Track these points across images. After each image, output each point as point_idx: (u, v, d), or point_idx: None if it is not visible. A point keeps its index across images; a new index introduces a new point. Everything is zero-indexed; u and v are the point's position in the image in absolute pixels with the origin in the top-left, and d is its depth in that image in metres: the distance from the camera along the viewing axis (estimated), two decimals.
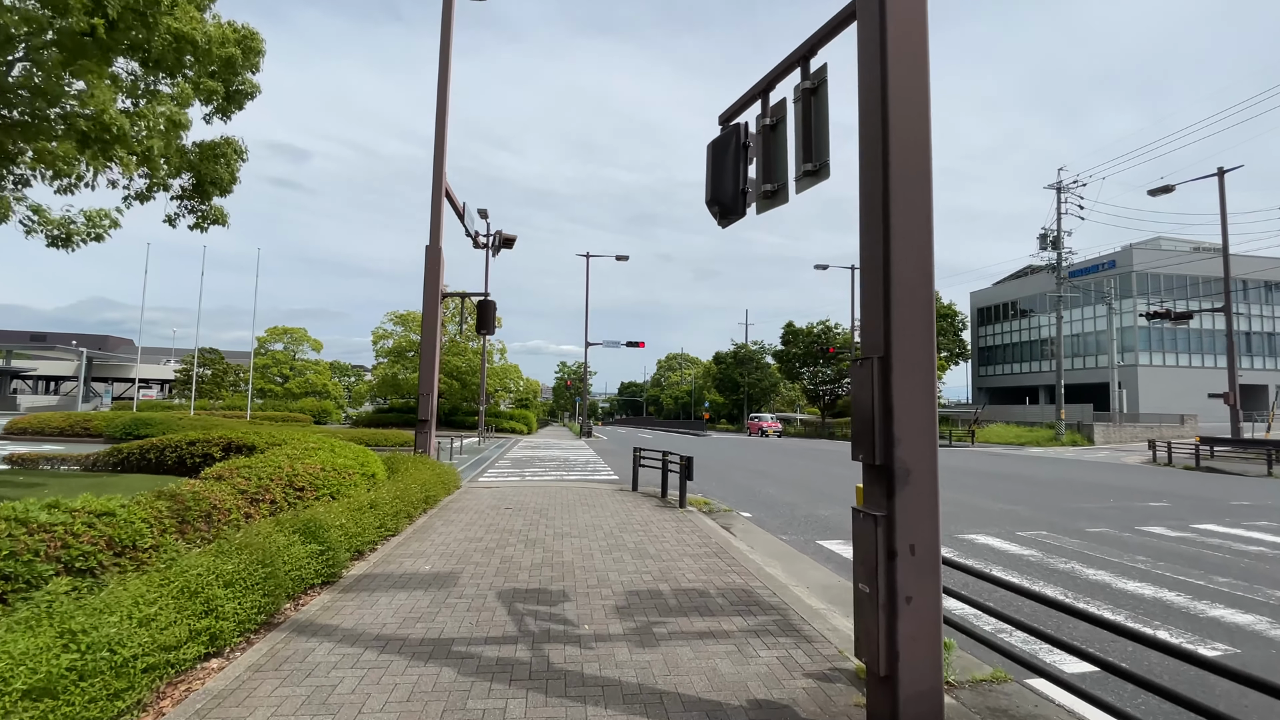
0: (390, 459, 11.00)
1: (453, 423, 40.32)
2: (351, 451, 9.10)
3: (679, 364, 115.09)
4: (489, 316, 12.13)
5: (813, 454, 23.97)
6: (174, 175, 8.14)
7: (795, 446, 30.27)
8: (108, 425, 21.07)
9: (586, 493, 11.18)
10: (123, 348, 73.37)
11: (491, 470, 15.67)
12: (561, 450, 24.33)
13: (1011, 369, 58.83)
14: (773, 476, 15.02)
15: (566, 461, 18.61)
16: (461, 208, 14.32)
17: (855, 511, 3.17)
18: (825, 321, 49.26)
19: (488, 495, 10.72)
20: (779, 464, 18.77)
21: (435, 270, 12.17)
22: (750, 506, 10.41)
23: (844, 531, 8.35)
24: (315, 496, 7.08)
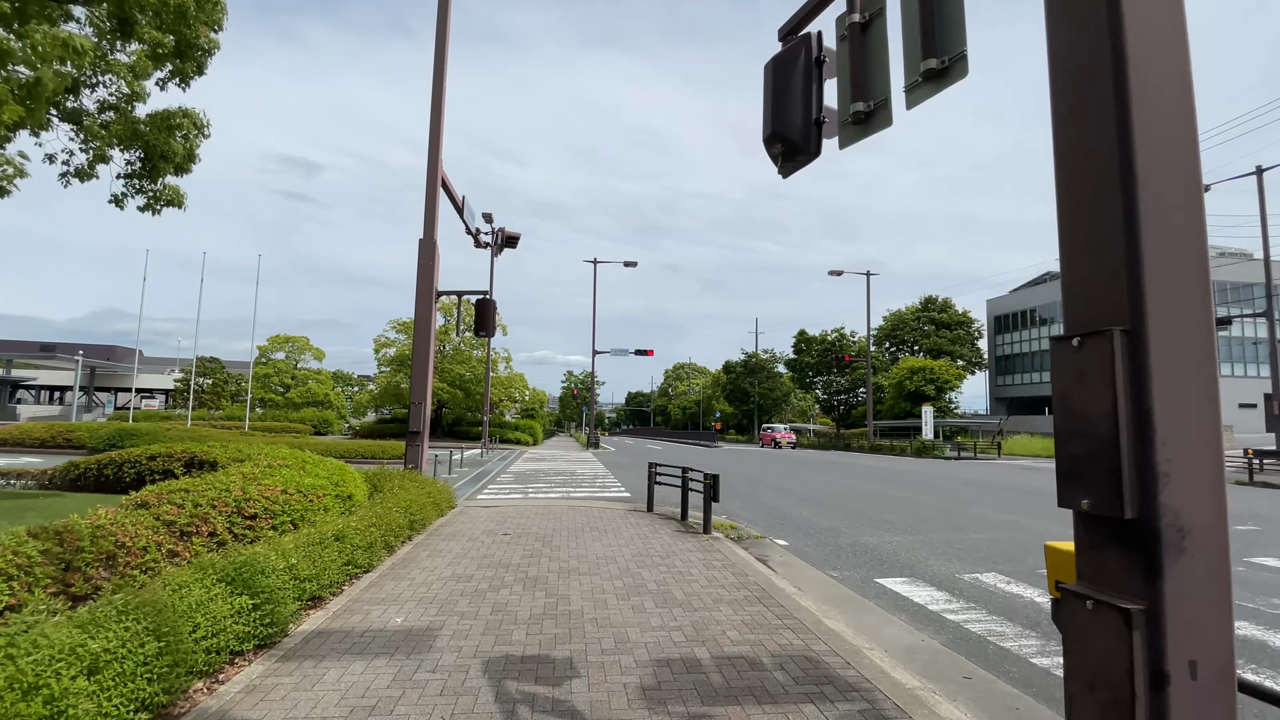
0: (376, 475, 9.81)
1: (456, 433, 39.17)
2: (326, 468, 7.90)
3: (687, 374, 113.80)
4: (488, 317, 10.97)
5: (836, 468, 22.59)
6: (112, 144, 7.03)
7: (814, 459, 28.88)
8: (91, 436, 20.01)
9: (596, 514, 9.92)
10: (129, 358, 72.83)
11: (492, 486, 14.44)
12: (568, 463, 23.07)
13: (1030, 378, 57.19)
14: (800, 494, 13.71)
15: (573, 476, 17.35)
16: (461, 201, 13.21)
17: (1065, 595, 1.90)
18: (840, 329, 47.94)
19: (485, 517, 9.48)
20: (803, 479, 17.44)
21: (429, 266, 11.02)
22: (784, 532, 9.12)
23: (902, 566, 7.05)
24: (271, 526, 5.87)
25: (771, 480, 16.90)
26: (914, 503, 12.32)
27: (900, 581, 6.38)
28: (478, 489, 13.79)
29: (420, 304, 10.96)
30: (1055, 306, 54.31)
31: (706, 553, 7.17)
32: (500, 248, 15.76)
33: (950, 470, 21.91)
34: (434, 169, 11.37)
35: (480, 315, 11.07)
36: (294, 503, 6.33)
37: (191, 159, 7.71)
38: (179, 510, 5.10)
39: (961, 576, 6.59)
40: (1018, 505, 12.18)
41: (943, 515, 10.73)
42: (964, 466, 24.42)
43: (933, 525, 9.72)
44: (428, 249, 11.09)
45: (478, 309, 11.12)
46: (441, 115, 11.52)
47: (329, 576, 5.19)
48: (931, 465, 25.08)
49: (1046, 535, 8.97)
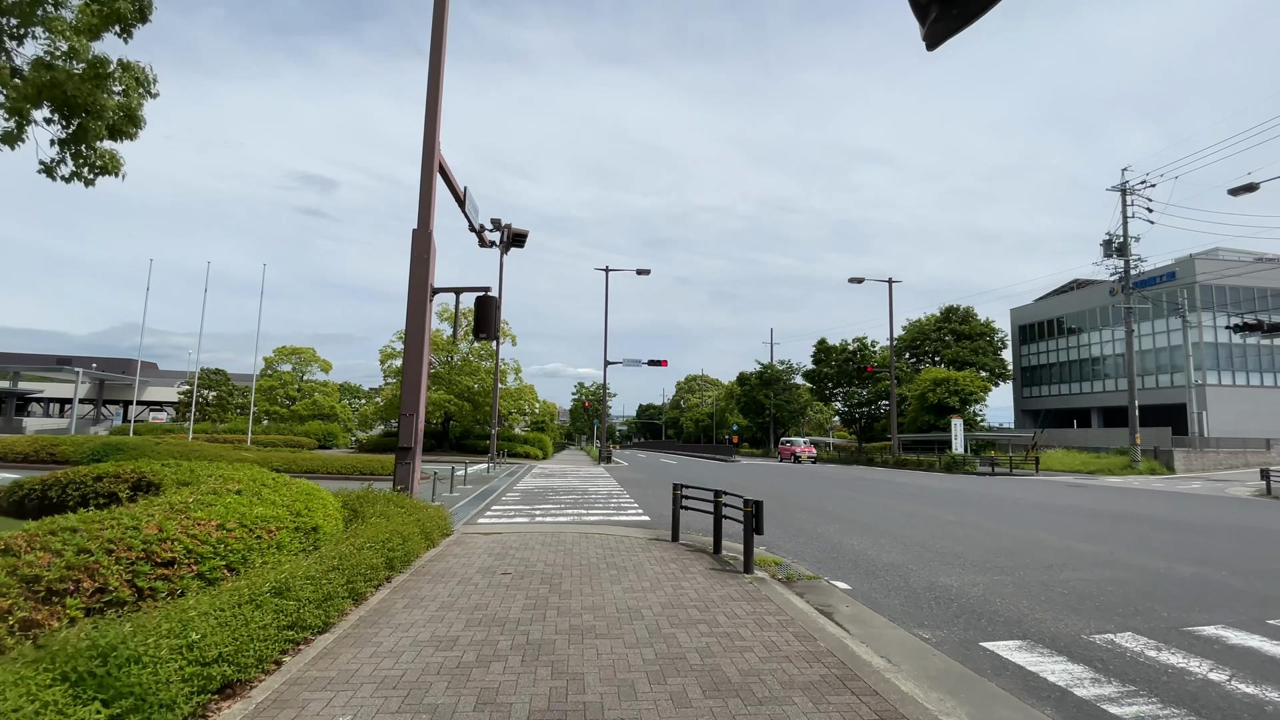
0: (359, 499, 8.46)
1: (464, 447, 37.89)
2: (289, 493, 6.55)
3: (699, 386, 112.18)
4: (490, 317, 9.64)
5: (868, 485, 20.96)
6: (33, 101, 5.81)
7: (840, 475, 27.22)
8: (75, 450, 18.90)
9: (613, 544, 8.49)
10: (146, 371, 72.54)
11: (496, 507, 13.05)
12: (579, 479, 21.64)
13: (1057, 390, 55.06)
14: (841, 518, 12.18)
15: (585, 495, 15.92)
16: (462, 193, 11.96)
17: None
18: (860, 339, 46.28)
19: (483, 548, 8.08)
20: (838, 499, 15.89)
21: (424, 259, 9.74)
22: (839, 570, 7.63)
23: (1005, 621, 5.56)
24: (197, 574, 4.51)
25: (803, 500, 15.36)
26: (976, 529, 10.76)
27: (1015, 647, 4.88)
28: (479, 510, 12.40)
29: (413, 302, 9.66)
30: (1084, 315, 52.34)
31: (755, 602, 5.71)
32: (508, 246, 14.50)
33: (991, 488, 20.22)
34: (430, 152, 10.13)
35: (481, 315, 9.74)
36: (234, 541, 4.97)
37: (134, 122, 6.48)
38: (53, 559, 3.75)
39: (1090, 638, 5.09)
40: (1098, 532, 10.58)
41: (1018, 546, 9.18)
42: (1004, 483, 22.69)
43: (1013, 560, 8.19)
44: (422, 240, 9.81)
45: (478, 308, 9.80)
46: (439, 93, 10.30)
47: (257, 650, 3.80)
48: (967, 482, 23.37)
49: (1159, 575, 7.42)
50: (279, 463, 19.23)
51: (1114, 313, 49.12)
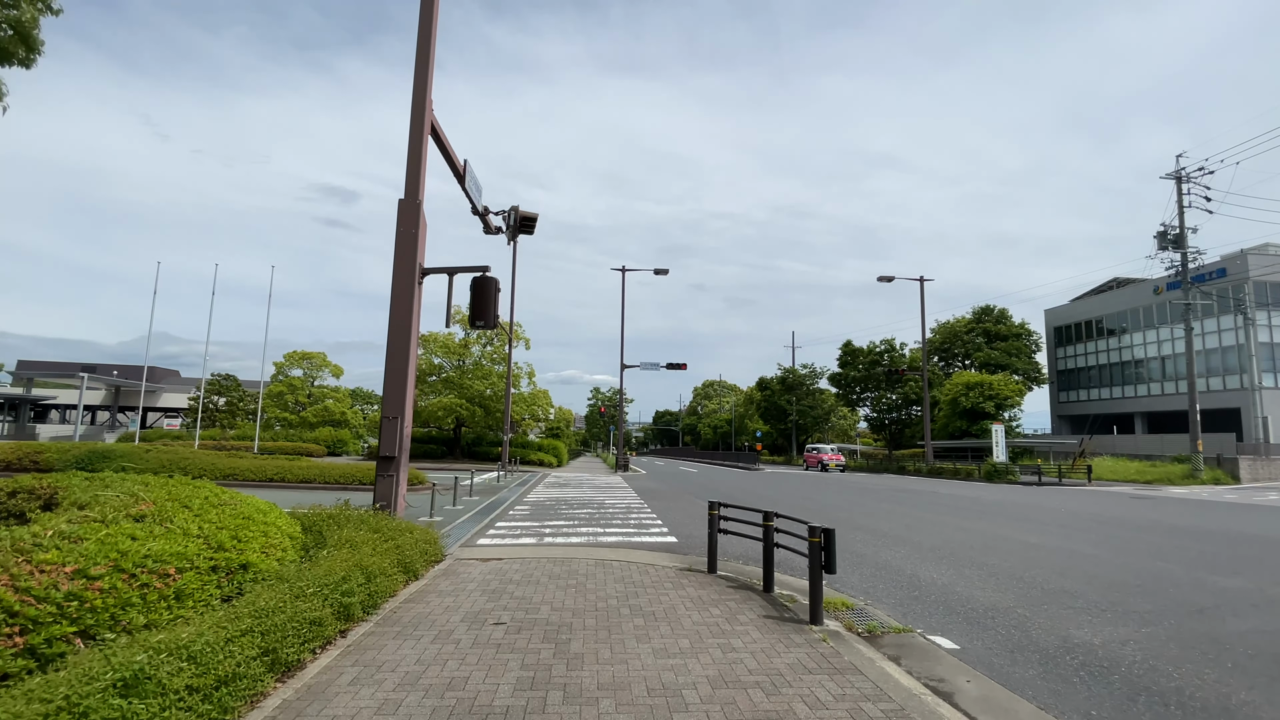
0: (329, 519, 6.99)
1: (476, 454, 36.53)
2: (218, 518, 5.05)
3: (716, 391, 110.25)
4: (487, 300, 8.14)
5: (914, 498, 19.11)
6: None
7: (876, 485, 25.31)
8: (60, 458, 17.76)
9: (636, 577, 6.88)
10: (168, 378, 72.52)
11: (501, 523, 11.51)
12: (595, 489, 20.05)
13: (1097, 394, 52.37)
14: (904, 539, 10.45)
15: (602, 509, 14.32)
16: (462, 167, 10.53)
17: None
18: (889, 340, 44.20)
19: (478, 580, 6.53)
20: (888, 515, 14.12)
21: (411, 236, 8.27)
22: (931, 616, 5.94)
23: (1213, 709, 3.85)
24: (21, 648, 3.00)
25: (849, 515, 13.63)
26: (1073, 555, 8.98)
27: None
28: (482, 528, 10.87)
29: (399, 284, 8.18)
30: (1125, 316, 49.74)
31: (839, 676, 4.08)
32: (515, 231, 13.01)
33: (1050, 500, 18.26)
34: (420, 109, 8.68)
35: (478, 299, 8.24)
36: (96, 594, 3.46)
37: (28, 43, 5.08)
38: None
39: None
40: (1217, 558, 8.74)
41: (1140, 579, 7.40)
42: (1060, 495, 20.67)
43: (1149, 600, 6.43)
44: (409, 213, 8.34)
45: (474, 291, 8.30)
46: (430, 40, 8.86)
47: None
48: (1019, 494, 21.37)
49: None
50: (272, 472, 17.95)
51: (1159, 312, 46.52)
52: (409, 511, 11.14)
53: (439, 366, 36.19)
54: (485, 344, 37.07)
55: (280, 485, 17.31)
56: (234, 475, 17.70)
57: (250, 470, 17.84)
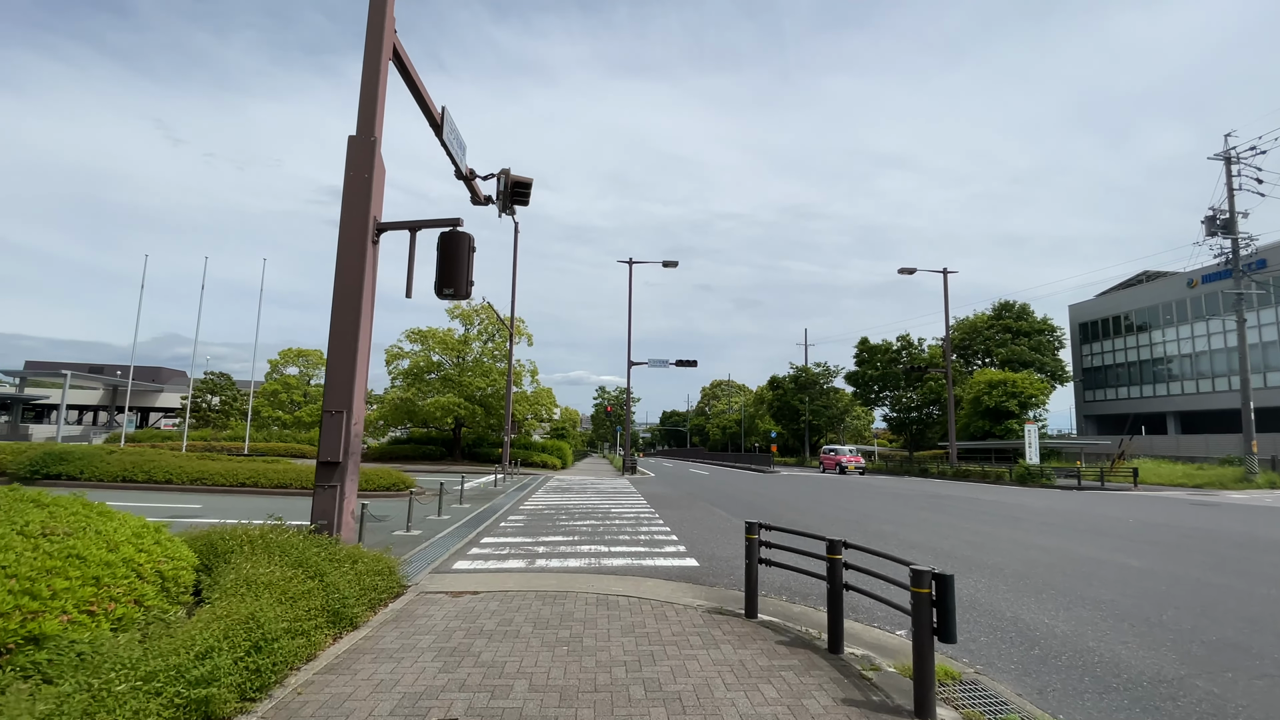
0: (244, 545, 5.28)
1: (476, 455, 34.86)
2: (34, 555, 3.32)
3: (724, 391, 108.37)
4: (458, 261, 6.38)
5: (954, 506, 17.24)
6: None
7: (905, 490, 23.42)
8: (14, 460, 16.20)
9: (652, 627, 5.11)
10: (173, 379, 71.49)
11: (489, 539, 9.76)
12: (600, 495, 18.29)
13: (1125, 393, 50.14)
14: (974, 561, 8.63)
15: (607, 520, 12.55)
16: (439, 115, 8.80)
17: None
18: (904, 336, 42.18)
19: (435, 631, 4.78)
20: (942, 528, 12.29)
21: (364, 180, 6.54)
22: (1085, 695, 4.12)
23: None
24: None
25: (895, 528, 11.80)
26: (1198, 586, 7.13)
27: None
28: (464, 545, 9.12)
29: (347, 241, 6.45)
30: (1155, 311, 47.52)
31: None
32: (507, 200, 11.25)
33: (1106, 507, 16.35)
34: (379, 22, 6.95)
35: (446, 260, 6.49)
36: None
37: None
38: None
39: None
40: None
41: None
42: (1112, 501, 18.74)
43: None
44: (361, 151, 6.60)
45: (442, 250, 6.55)
46: None
47: None
48: (1067, 500, 19.44)
49: None
50: (245, 475, 16.30)
51: (1194, 305, 44.33)
52: (375, 529, 9.44)
53: (438, 364, 34.55)
54: (486, 340, 35.41)
55: (251, 491, 15.66)
56: (203, 479, 16.07)
57: (221, 474, 16.20)
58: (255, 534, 5.59)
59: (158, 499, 14.07)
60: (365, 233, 6.44)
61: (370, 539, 9.34)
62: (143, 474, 15.98)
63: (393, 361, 33.63)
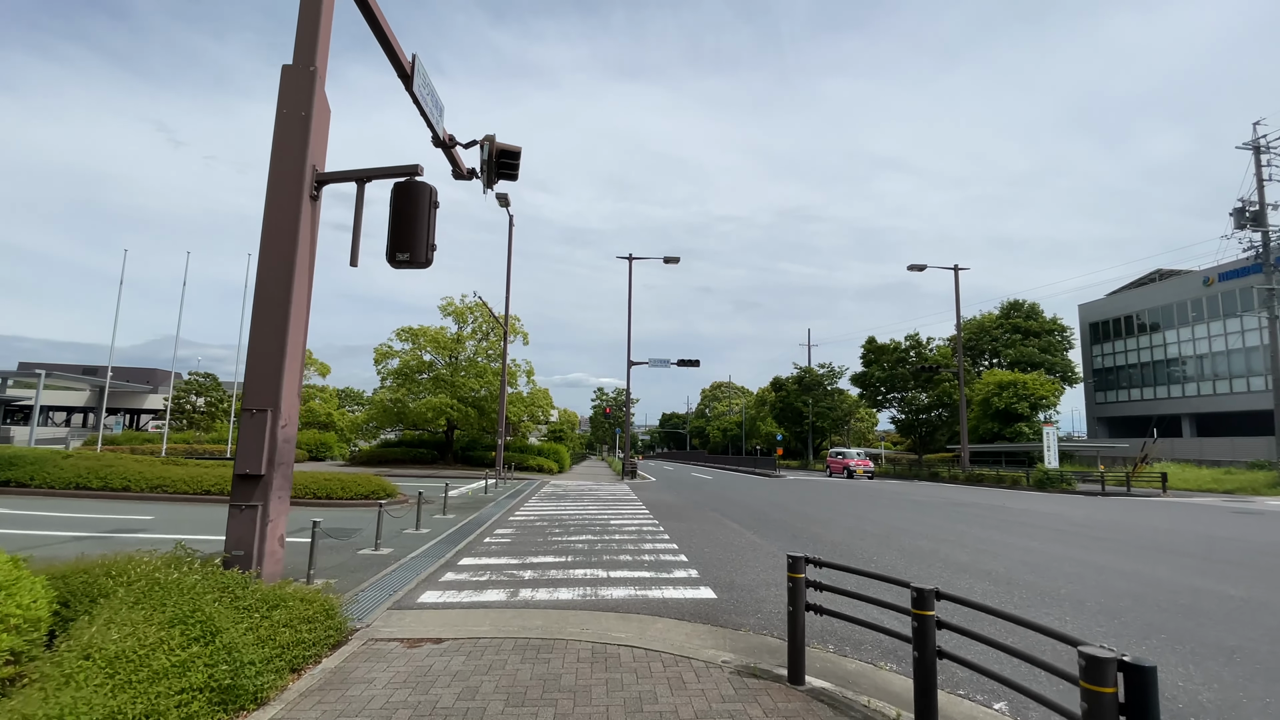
0: (124, 582, 3.96)
1: (470, 459, 33.48)
2: None
3: (725, 393, 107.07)
4: (416, 219, 5.05)
5: (982, 514, 15.93)
6: None
7: (925, 496, 22.07)
8: None
9: (664, 699, 3.75)
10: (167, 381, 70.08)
11: (468, 559, 8.42)
12: (598, 503, 16.95)
13: (1138, 394, 48.86)
14: (1050, 592, 7.32)
15: (605, 534, 11.21)
16: (410, 64, 7.45)
17: None
18: (913, 335, 40.88)
19: (370, 714, 3.44)
20: (984, 543, 10.97)
21: (299, 120, 5.21)
22: None
23: None
24: None
25: (934, 544, 10.48)
26: None
27: None
28: (437, 569, 7.78)
29: (278, 194, 5.12)
30: (1169, 310, 46.26)
31: None
32: (493, 172, 9.92)
33: (1148, 516, 15.04)
34: None
35: (402, 216, 5.16)
36: None
37: None
38: None
39: None
40: None
41: None
42: (1150, 509, 17.42)
43: None
44: (298, 85, 5.27)
45: (396, 204, 5.22)
46: None
47: None
48: (1102, 508, 18.13)
49: None
50: (210, 482, 14.94)
51: (1209, 304, 43.10)
52: (335, 549, 8.08)
53: (429, 364, 33.18)
54: (480, 339, 34.05)
55: (216, 499, 14.30)
56: (164, 486, 14.71)
57: (184, 480, 14.84)
58: (143, 568, 4.25)
59: (109, 509, 12.71)
60: (301, 185, 5.11)
61: (328, 561, 8.00)
62: (98, 480, 14.62)
63: (382, 361, 32.26)
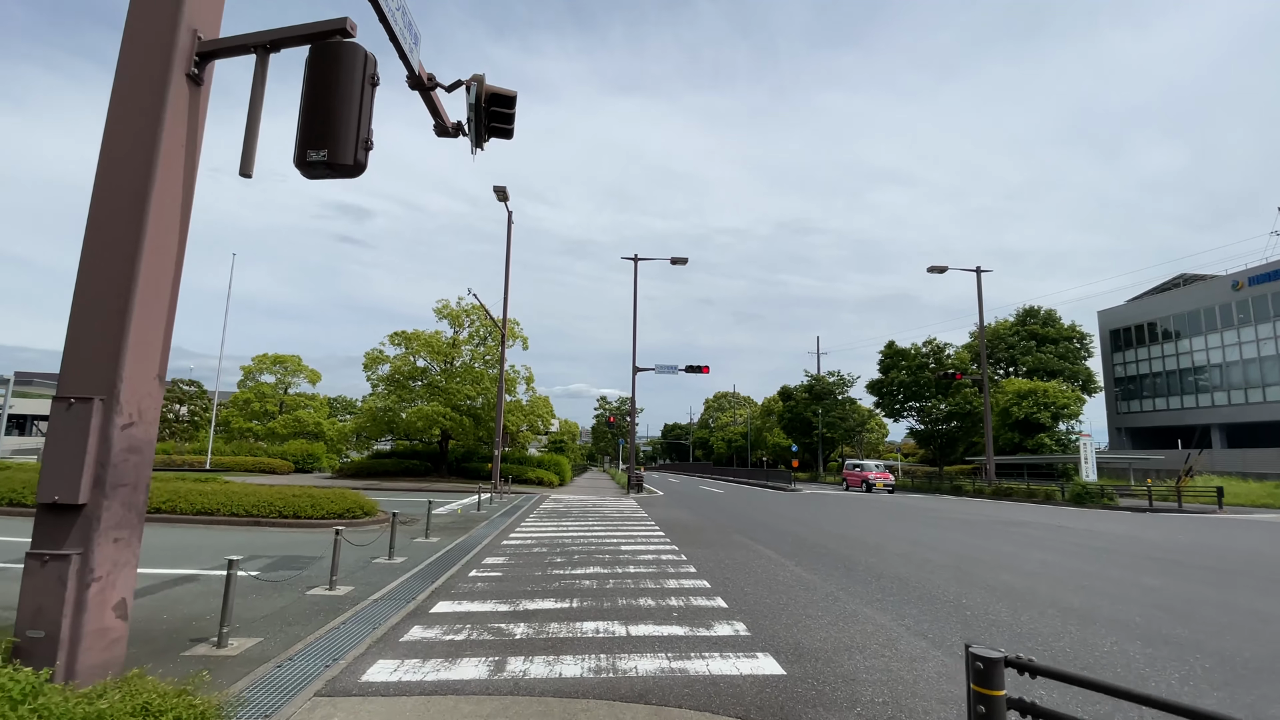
0: None
1: (465, 471, 31.54)
2: None
3: (729, 404, 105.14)
4: (337, 100, 3.28)
5: (1041, 535, 14.02)
6: None
7: (962, 513, 20.13)
8: None
9: None
10: None
11: (442, 606, 6.54)
12: (604, 522, 15.05)
13: (1163, 404, 46.92)
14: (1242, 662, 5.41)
15: (617, 564, 9.32)
16: None
17: None
18: (932, 341, 39.04)
19: None
20: (1084, 578, 9.09)
21: None
22: None
23: None
24: None
25: (1024, 582, 8.59)
26: None
27: None
28: (400, 620, 5.90)
29: (132, 69, 3.29)
30: (1196, 316, 44.44)
31: None
32: (484, 126, 8.11)
33: (1242, 539, 13.14)
34: None
35: (316, 96, 3.33)
36: None
37: None
38: None
39: None
40: None
41: None
42: (1227, 530, 15.50)
43: None
44: None
45: (309, 78, 3.38)
46: None
47: None
48: (1174, 528, 16.21)
49: None
50: (162, 499, 13.02)
51: (1239, 309, 41.27)
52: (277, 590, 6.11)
53: (423, 370, 31.34)
54: (477, 344, 32.24)
55: (165, 518, 12.42)
56: None
57: None
58: None
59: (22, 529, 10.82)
60: (171, 56, 3.30)
61: (261, 608, 6.12)
62: (13, 496, 12.69)
63: (372, 366, 30.41)
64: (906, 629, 5.81)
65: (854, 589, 7.48)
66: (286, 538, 10.97)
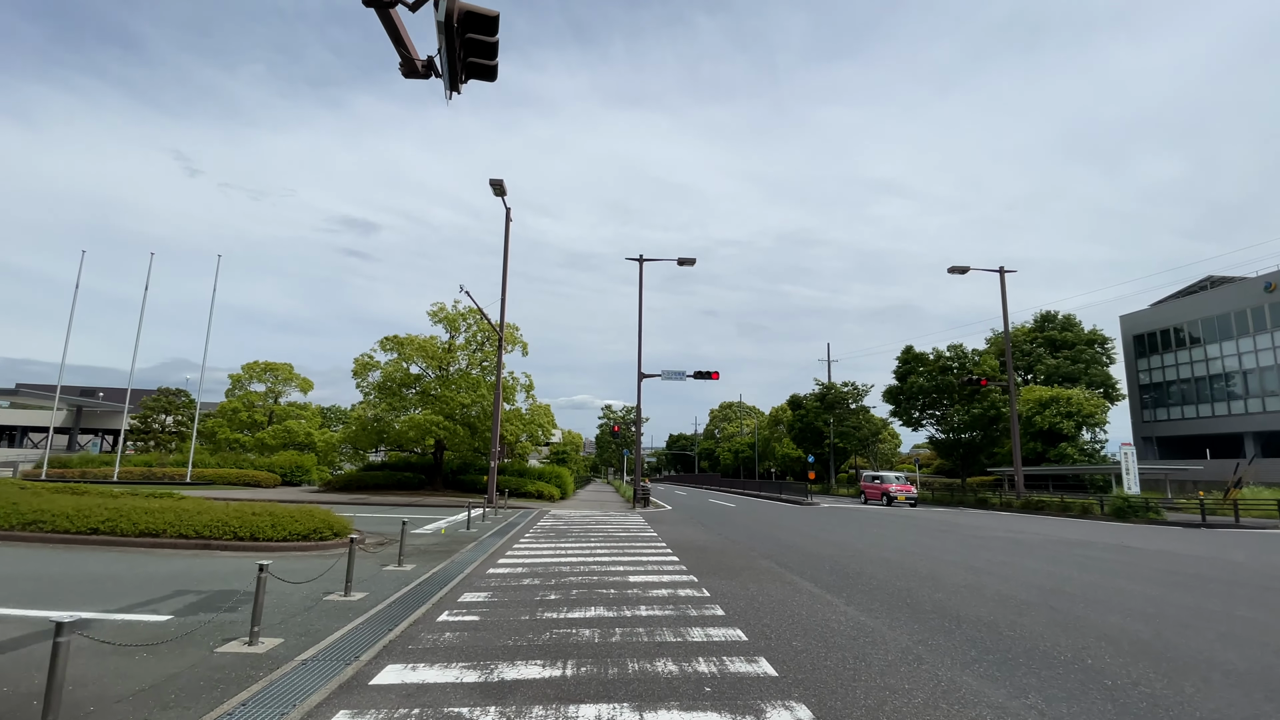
0: None
1: (461, 483, 29.80)
2: None
3: (736, 414, 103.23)
4: None
5: (1110, 556, 12.29)
6: None
7: (1006, 531, 18.33)
8: None
9: None
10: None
11: (390, 675, 4.83)
12: (608, 545, 13.31)
13: (1192, 412, 44.93)
14: None
15: (623, 604, 7.63)
16: None
17: None
18: (957, 346, 37.22)
19: None
20: (1221, 620, 7.37)
21: None
22: None
23: None
24: None
25: (1134, 626, 6.84)
26: None
27: None
28: (329, 694, 4.20)
29: None
30: (1226, 320, 42.55)
31: None
32: (460, 62, 6.50)
33: None
34: None
35: None
36: None
37: None
38: None
39: None
40: None
41: None
42: None
43: None
44: None
45: None
46: None
47: None
48: (1241, 546, 14.38)
49: None
50: (101, 519, 11.36)
51: (1272, 312, 39.42)
52: (178, 646, 4.36)
53: (417, 377, 29.72)
54: (474, 349, 30.63)
55: (103, 540, 10.76)
56: (38, 523, 11.20)
57: (66, 515, 11.31)
58: None
59: None
60: None
61: (145, 675, 4.41)
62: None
63: (362, 373, 28.81)
64: (1039, 714, 4.08)
65: (934, 642, 5.75)
66: (234, 565, 9.29)
